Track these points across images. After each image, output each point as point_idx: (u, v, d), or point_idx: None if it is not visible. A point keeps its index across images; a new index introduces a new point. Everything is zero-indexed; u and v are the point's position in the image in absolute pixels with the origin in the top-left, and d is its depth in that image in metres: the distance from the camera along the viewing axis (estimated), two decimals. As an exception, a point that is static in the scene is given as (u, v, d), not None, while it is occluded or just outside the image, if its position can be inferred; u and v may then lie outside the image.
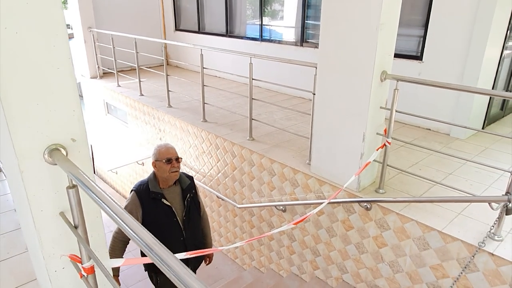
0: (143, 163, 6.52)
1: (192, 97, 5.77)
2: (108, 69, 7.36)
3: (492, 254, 2.35)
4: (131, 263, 2.10)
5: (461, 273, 2.40)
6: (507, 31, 4.23)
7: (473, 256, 2.34)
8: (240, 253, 4.77)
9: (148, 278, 2.90)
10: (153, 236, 0.94)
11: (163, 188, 2.70)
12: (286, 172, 3.70)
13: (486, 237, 2.38)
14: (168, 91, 5.56)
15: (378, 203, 2.94)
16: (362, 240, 3.16)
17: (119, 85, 6.87)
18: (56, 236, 1.51)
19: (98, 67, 7.53)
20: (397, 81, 2.81)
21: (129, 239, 2.64)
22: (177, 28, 8.60)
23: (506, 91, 4.90)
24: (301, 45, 6.07)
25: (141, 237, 0.94)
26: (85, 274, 1.49)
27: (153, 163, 2.69)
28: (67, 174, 1.32)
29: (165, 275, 2.71)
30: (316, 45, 5.82)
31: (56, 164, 1.42)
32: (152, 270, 2.79)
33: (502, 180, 3.26)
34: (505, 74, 4.73)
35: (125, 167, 7.03)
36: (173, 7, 8.46)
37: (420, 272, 2.80)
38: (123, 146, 7.12)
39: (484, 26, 3.97)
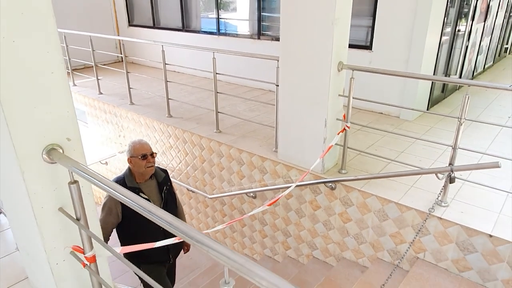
0: (106, 163, 6.45)
1: (154, 93, 5.79)
2: (61, 68, 7.12)
3: (440, 218, 2.71)
4: (126, 251, 2.21)
5: (415, 237, 2.75)
6: (444, 19, 4.68)
7: (424, 221, 2.69)
8: (213, 242, 4.93)
9: (131, 270, 2.99)
10: (169, 214, 1.09)
11: (139, 183, 2.78)
12: (254, 161, 3.91)
13: (434, 204, 2.73)
14: (129, 88, 5.54)
15: (342, 183, 3.24)
16: (329, 217, 3.45)
17: (75, 84, 6.70)
18: (56, 230, 1.60)
19: (50, 66, 7.25)
20: (353, 70, 3.09)
21: (110, 232, 2.72)
22: (130, 24, 8.46)
23: (445, 75, 5.42)
24: (258, 38, 6.26)
25: (160, 215, 1.10)
26: (87, 263, 1.60)
27: (128, 159, 2.75)
28: (69, 169, 1.42)
29: (148, 264, 2.77)
30: (272, 38, 6.04)
31: (54, 163, 1.51)
32: (134, 260, 2.87)
33: (445, 155, 3.67)
34: (444, 59, 5.23)
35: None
36: (125, 1, 8.30)
37: (381, 241, 3.13)
38: (84, 146, 6.95)
39: (424, 15, 4.38)
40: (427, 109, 5.03)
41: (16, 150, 1.41)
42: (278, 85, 3.54)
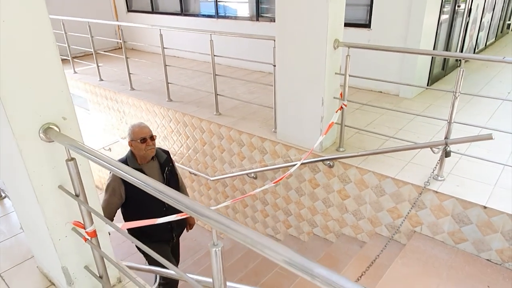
0: (110, 149, 6.52)
1: (154, 78, 5.80)
2: (61, 56, 7.13)
3: (436, 192, 2.75)
4: (128, 227, 2.27)
5: (410, 210, 2.79)
6: (442, -2, 4.63)
7: (419, 194, 2.73)
8: (216, 223, 5.02)
9: (138, 252, 3.05)
10: (165, 186, 1.13)
11: (141, 164, 2.81)
12: (254, 142, 3.95)
13: (430, 178, 2.76)
14: (130, 74, 5.56)
15: (340, 160, 3.27)
16: (328, 195, 3.50)
17: (75, 72, 6.72)
18: (57, 207, 1.66)
19: (50, 54, 7.27)
20: (349, 48, 3.09)
21: (114, 212, 2.75)
22: (129, 9, 8.41)
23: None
24: (257, 20, 6.22)
25: (155, 186, 1.14)
26: (89, 238, 1.66)
27: (129, 142, 2.78)
28: (66, 147, 1.47)
29: (152, 243, 2.81)
30: (271, 19, 5.99)
31: (51, 141, 1.56)
32: (138, 239, 2.94)
33: (444, 131, 3.68)
34: (444, 35, 5.18)
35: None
36: (123, -13, 8.24)
37: (379, 216, 3.18)
38: (87, 133, 7.04)
39: (422, -7, 4.33)
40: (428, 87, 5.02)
41: (13, 130, 1.46)
42: (275, 65, 3.54)
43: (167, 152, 3.04)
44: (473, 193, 2.69)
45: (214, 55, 4.27)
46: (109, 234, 2.29)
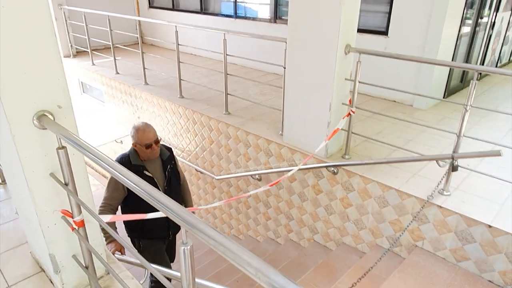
0: (121, 141, 6.60)
1: (169, 75, 5.84)
2: (81, 47, 7.29)
3: (440, 207, 2.66)
4: (117, 219, 2.28)
5: (411, 222, 2.71)
6: (464, 9, 4.50)
7: (422, 208, 2.65)
8: (219, 222, 5.01)
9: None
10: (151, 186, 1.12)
11: (144, 161, 2.76)
12: (260, 143, 3.92)
13: (434, 191, 2.68)
14: (144, 68, 5.62)
15: (344, 167, 3.21)
16: (330, 202, 3.44)
17: (93, 64, 6.84)
18: (47, 195, 1.67)
19: (71, 45, 7.44)
20: (360, 54, 3.03)
21: (115, 210, 2.72)
22: (151, 6, 8.52)
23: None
24: (275, 22, 6.20)
25: (134, 181, 1.13)
26: (76, 228, 1.67)
27: (133, 144, 2.72)
28: (57, 135, 1.47)
29: (147, 240, 2.76)
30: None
31: (45, 129, 1.57)
32: (134, 235, 2.91)
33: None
34: (464, 47, 5.04)
35: (103, 146, 7.09)
36: (146, -17, 8.35)
37: (380, 227, 3.10)
38: (100, 125, 7.15)
39: (442, 2, 4.22)
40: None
41: (6, 114, 1.47)
42: (285, 68, 3.51)
43: (170, 150, 3.01)
44: (479, 211, 2.59)
45: (227, 55, 4.27)
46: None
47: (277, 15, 6.19)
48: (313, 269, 3.22)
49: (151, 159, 2.78)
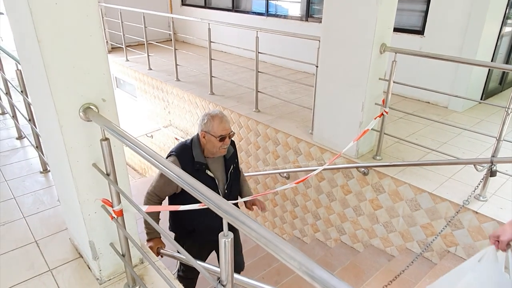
0: (152, 136, 6.76)
1: (199, 71, 5.93)
2: (116, 43, 7.50)
3: (476, 212, 2.58)
4: (153, 210, 2.31)
5: (445, 227, 2.64)
6: (506, 8, 4.32)
7: (457, 212, 2.58)
8: (246, 219, 5.05)
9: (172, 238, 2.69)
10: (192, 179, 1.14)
11: (207, 158, 2.34)
12: (289, 141, 3.92)
13: (470, 196, 2.60)
14: (176, 65, 5.73)
15: (375, 168, 3.17)
16: (359, 203, 3.40)
17: (127, 60, 7.03)
18: (90, 184, 1.74)
19: (107, 41, 7.67)
20: (395, 53, 2.97)
21: (161, 202, 2.43)
22: (183, 3, 8.66)
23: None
24: (306, 20, 6.17)
25: (177, 174, 1.16)
26: (115, 216, 1.73)
27: (202, 133, 2.28)
28: (102, 127, 1.53)
29: (192, 240, 2.54)
30: (320, 20, 5.90)
31: (89, 121, 1.64)
32: (179, 234, 2.59)
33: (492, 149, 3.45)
34: (505, 48, 4.84)
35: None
36: (179, -19, 8.50)
37: (411, 231, 3.04)
38: (132, 119, 7.35)
39: (483, 2, 4.07)
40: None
41: (55, 106, 1.55)
42: (317, 66, 3.49)
43: (233, 144, 2.51)
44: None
45: (259, 52, 4.29)
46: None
47: (309, 13, 6.16)
48: (340, 269, 3.20)
49: (215, 156, 2.36)
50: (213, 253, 2.72)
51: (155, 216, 2.42)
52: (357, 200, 3.41)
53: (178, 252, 2.53)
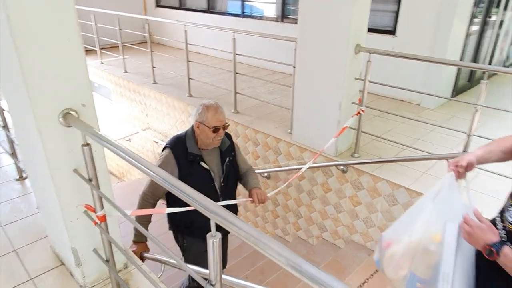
0: (129, 139, 6.67)
1: (177, 73, 5.90)
2: (90, 46, 7.35)
3: (450, 205, 2.69)
4: (136, 214, 2.29)
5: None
6: (473, 8, 4.52)
7: (432, 206, 2.67)
8: (227, 220, 5.06)
9: (173, 237, 2.62)
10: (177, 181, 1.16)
11: (201, 149, 2.30)
12: (269, 142, 3.97)
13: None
14: (153, 67, 5.68)
15: (353, 166, 3.25)
16: (340, 200, 3.48)
17: (102, 63, 6.91)
18: (71, 190, 1.72)
19: (80, 44, 7.50)
20: (370, 53, 3.06)
21: (157, 201, 2.39)
22: (158, 4, 8.58)
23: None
24: (282, 21, 6.24)
25: (164, 177, 1.17)
26: (98, 222, 1.72)
27: (196, 123, 2.25)
28: (82, 132, 1.52)
29: (192, 237, 2.49)
30: (296, 21, 5.98)
31: (69, 126, 1.62)
32: (178, 231, 2.54)
33: (463, 144, 3.60)
34: (472, 47, 5.06)
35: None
36: (153, -18, 8.41)
37: (389, 226, 3.13)
38: (109, 123, 7.22)
39: (451, 2, 4.24)
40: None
41: (34, 112, 1.52)
42: (295, 67, 3.55)
43: (230, 137, 2.47)
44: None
45: (236, 53, 4.31)
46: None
47: (284, 14, 6.23)
48: (322, 266, 3.26)
49: (209, 148, 2.32)
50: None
51: (146, 218, 2.36)
52: (337, 198, 3.49)
53: (185, 260, 2.54)
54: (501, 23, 5.51)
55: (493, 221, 1.42)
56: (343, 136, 3.35)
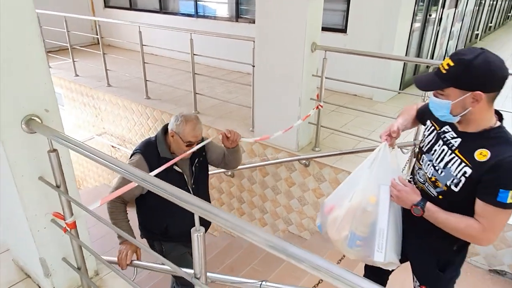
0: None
1: (132, 75, 5.76)
2: (35, 50, 6.95)
3: (405, 190, 2.89)
4: (106, 201, 2.07)
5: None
6: (414, 6, 4.85)
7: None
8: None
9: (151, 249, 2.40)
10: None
11: (173, 154, 2.24)
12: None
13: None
14: (106, 70, 5.51)
15: (315, 159, 3.39)
16: (303, 193, 3.61)
17: (50, 67, 6.56)
18: (37, 199, 1.67)
19: (23, 48, 7.08)
20: (325, 51, 3.21)
21: (128, 202, 2.28)
22: (106, 5, 8.30)
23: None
24: (236, 21, 6.29)
25: (142, 176, 1.18)
26: (68, 229, 1.68)
27: (172, 132, 2.18)
28: (48, 138, 1.48)
29: (170, 242, 2.41)
30: (250, 21, 6.08)
31: (33, 133, 1.57)
32: (153, 238, 2.45)
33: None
34: (415, 43, 5.42)
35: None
36: (101, -18, 8.12)
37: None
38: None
39: (395, 1, 4.52)
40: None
41: (-5, 119, 1.46)
42: (254, 66, 3.62)
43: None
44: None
45: (194, 54, 4.31)
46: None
47: (239, 14, 6.29)
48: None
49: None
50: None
51: (123, 217, 2.22)
52: (301, 191, 3.61)
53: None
54: (440, 20, 5.95)
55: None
56: (304, 131, 3.48)
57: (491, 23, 11.44)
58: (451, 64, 1.32)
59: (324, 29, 3.52)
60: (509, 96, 5.42)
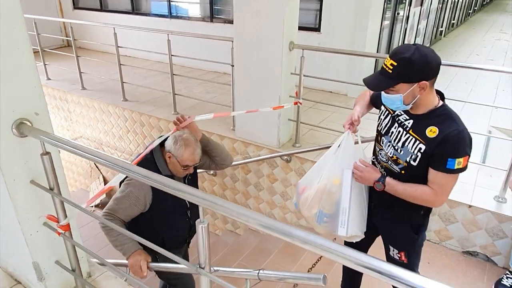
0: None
1: (107, 78, 5.68)
2: (2, 53, 6.72)
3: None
4: (97, 197, 2.06)
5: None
6: (384, 4, 5.05)
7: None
8: (175, 222, 5.05)
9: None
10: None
11: (171, 169, 2.21)
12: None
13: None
14: (81, 72, 5.41)
15: (296, 155, 3.49)
16: (286, 189, 3.70)
17: (19, 71, 6.36)
18: (29, 202, 1.67)
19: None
20: (303, 50, 3.31)
21: (125, 221, 2.18)
22: (76, 7, 8.11)
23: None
24: (211, 21, 6.32)
25: (139, 171, 1.22)
26: (62, 232, 1.69)
27: (169, 154, 2.14)
28: (41, 141, 1.49)
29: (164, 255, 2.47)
30: (225, 21, 6.12)
31: (24, 136, 1.57)
32: (150, 251, 2.16)
33: (388, 127, 4.05)
34: (385, 40, 5.64)
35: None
36: (69, -17, 7.93)
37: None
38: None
39: (365, 1, 4.70)
40: (372, 87, 5.43)
41: (-14, 124, 1.46)
42: (233, 65, 3.68)
43: None
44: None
45: (172, 55, 4.31)
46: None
47: (213, 14, 6.31)
48: (276, 252, 3.45)
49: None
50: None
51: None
52: (283, 187, 3.70)
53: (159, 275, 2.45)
54: (408, 18, 6.21)
55: (373, 163, 1.93)
56: (284, 128, 3.57)
57: (453, 20, 11.97)
58: (394, 64, 1.52)
59: (299, 28, 3.64)
60: (474, 89, 5.74)
